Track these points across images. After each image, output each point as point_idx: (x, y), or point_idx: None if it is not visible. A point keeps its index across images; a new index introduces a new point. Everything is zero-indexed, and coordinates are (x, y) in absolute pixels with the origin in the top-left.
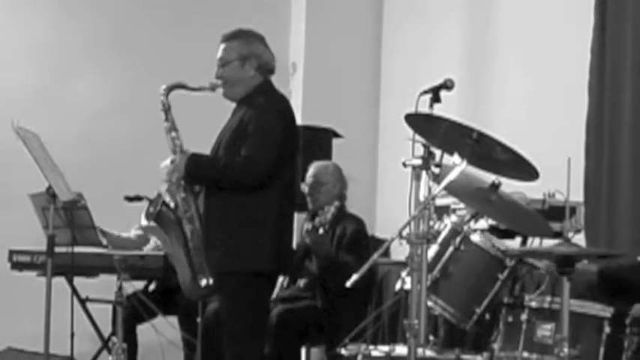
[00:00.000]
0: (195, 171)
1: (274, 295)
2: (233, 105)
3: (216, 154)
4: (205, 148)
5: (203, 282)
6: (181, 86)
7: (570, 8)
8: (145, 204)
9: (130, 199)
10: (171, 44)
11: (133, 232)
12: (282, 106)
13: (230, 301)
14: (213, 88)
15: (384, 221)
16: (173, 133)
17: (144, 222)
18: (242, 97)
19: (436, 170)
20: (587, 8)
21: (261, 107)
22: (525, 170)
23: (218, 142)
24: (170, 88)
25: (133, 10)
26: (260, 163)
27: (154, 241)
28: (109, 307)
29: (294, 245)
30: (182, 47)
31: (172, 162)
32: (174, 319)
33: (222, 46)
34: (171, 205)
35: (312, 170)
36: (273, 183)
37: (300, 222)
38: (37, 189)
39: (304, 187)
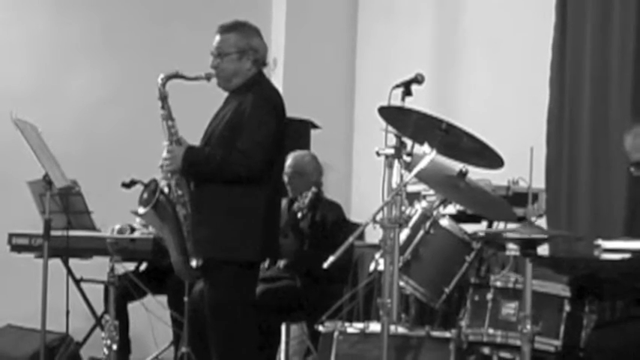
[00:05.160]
0: (192, 167)
1: None
2: (221, 95)
3: (206, 143)
4: (194, 137)
5: (193, 263)
6: (179, 76)
7: (532, 8)
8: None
9: (126, 185)
10: (160, 39)
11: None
12: (275, 99)
13: (219, 291)
14: (208, 77)
15: (359, 206)
16: (169, 122)
17: (141, 210)
18: (236, 88)
19: (407, 159)
20: (549, 8)
21: (256, 101)
22: (491, 159)
23: (210, 132)
24: (168, 78)
25: (125, 9)
26: (256, 158)
27: None
28: (102, 286)
29: None
30: (169, 42)
31: (170, 152)
32: (163, 298)
33: (219, 37)
34: (166, 190)
35: (290, 161)
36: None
37: None
38: (35, 176)
39: (283, 177)
